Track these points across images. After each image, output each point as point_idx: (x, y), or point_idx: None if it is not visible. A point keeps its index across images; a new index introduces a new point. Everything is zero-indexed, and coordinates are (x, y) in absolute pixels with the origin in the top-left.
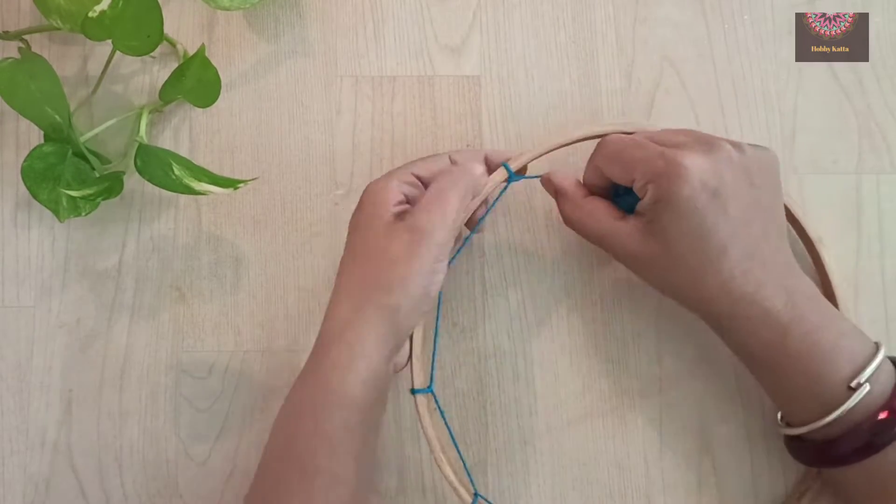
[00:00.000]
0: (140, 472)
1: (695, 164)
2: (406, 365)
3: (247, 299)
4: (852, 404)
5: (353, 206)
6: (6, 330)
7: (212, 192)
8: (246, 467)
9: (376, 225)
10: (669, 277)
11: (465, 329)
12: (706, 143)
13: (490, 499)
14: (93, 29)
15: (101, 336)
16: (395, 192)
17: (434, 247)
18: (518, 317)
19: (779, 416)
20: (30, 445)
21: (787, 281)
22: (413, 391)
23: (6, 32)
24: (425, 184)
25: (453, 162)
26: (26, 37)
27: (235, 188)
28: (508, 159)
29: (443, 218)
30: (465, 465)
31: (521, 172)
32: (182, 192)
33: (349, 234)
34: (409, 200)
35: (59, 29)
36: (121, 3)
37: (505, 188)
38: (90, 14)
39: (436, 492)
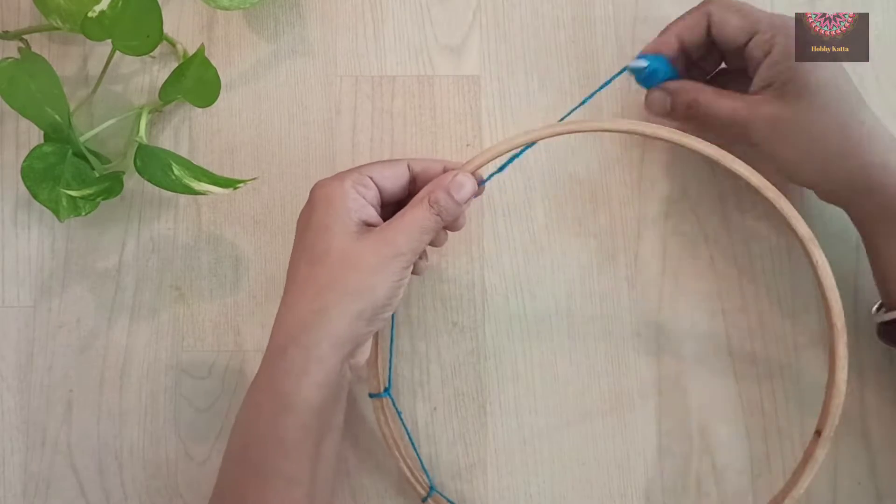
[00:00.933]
0: (140, 472)
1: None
2: (363, 365)
3: (247, 299)
4: None
5: None
6: (6, 330)
7: (212, 192)
8: None
9: (337, 228)
10: (813, 133)
11: (465, 329)
12: None
13: (490, 499)
14: (93, 29)
15: (101, 336)
16: (355, 196)
17: (405, 262)
18: (518, 317)
19: (874, 307)
20: (30, 445)
21: None
22: (371, 395)
23: (6, 32)
24: (380, 188)
25: (412, 170)
26: (26, 37)
27: (235, 188)
28: (467, 170)
29: (419, 240)
30: (421, 462)
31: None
32: (182, 192)
33: (301, 233)
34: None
35: (59, 29)
36: (120, 3)
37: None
38: (90, 14)
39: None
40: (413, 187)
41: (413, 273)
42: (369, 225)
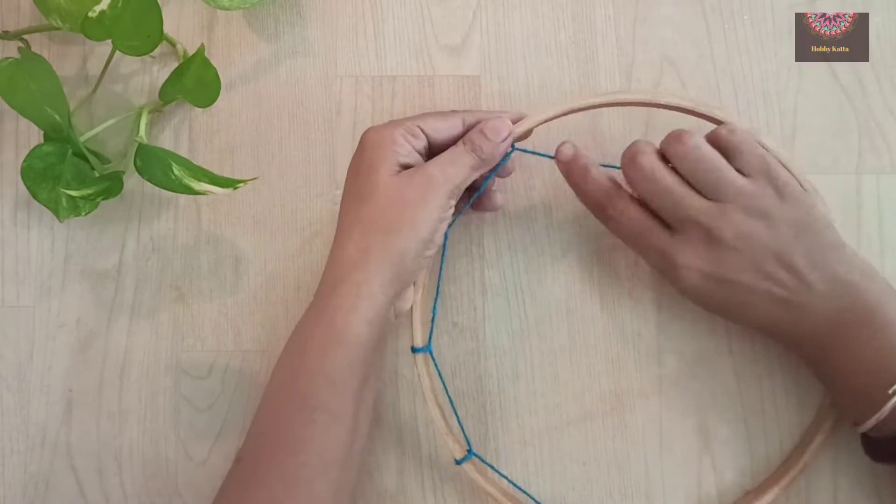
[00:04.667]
0: (140, 472)
1: (692, 263)
2: (407, 312)
3: (247, 299)
4: (887, 412)
5: None
6: (6, 330)
7: (211, 192)
8: None
9: (383, 169)
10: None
11: (464, 329)
12: (716, 215)
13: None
14: (93, 29)
15: (100, 336)
16: (402, 142)
17: (444, 194)
18: (518, 317)
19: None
20: (30, 445)
21: (837, 295)
22: (413, 349)
23: (6, 32)
24: (430, 141)
25: (466, 124)
26: (26, 37)
27: (235, 188)
28: (517, 122)
29: (457, 174)
30: (460, 423)
31: (523, 137)
32: (182, 192)
33: (351, 176)
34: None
35: (59, 29)
36: (120, 3)
37: (506, 158)
38: (90, 14)
39: (436, 492)
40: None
41: (484, 209)
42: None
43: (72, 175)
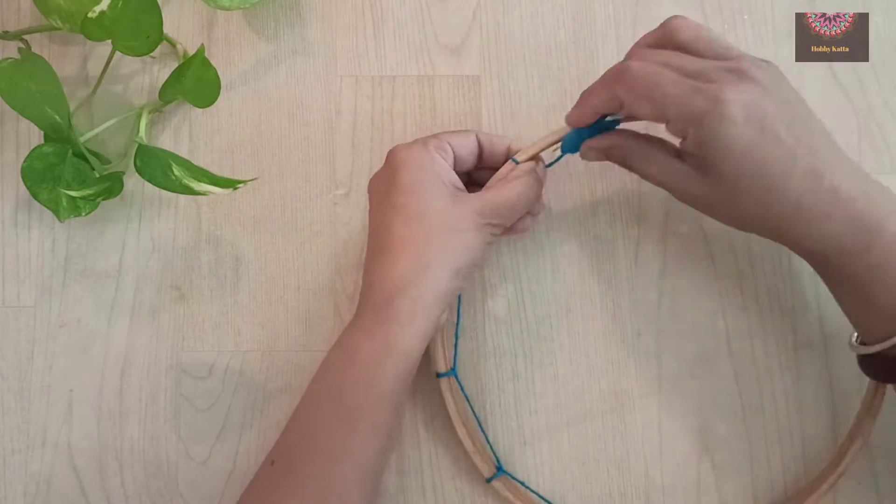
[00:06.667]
0: (140, 472)
1: (736, 100)
2: (444, 322)
3: (247, 299)
4: None
5: (353, 207)
6: (6, 330)
7: (211, 193)
8: (246, 467)
9: (431, 190)
10: (736, 213)
11: (465, 329)
12: (734, 71)
13: (490, 500)
14: (92, 29)
15: (101, 336)
16: (439, 160)
17: (498, 231)
18: (518, 317)
19: (852, 337)
20: (30, 445)
21: (858, 182)
22: (438, 375)
23: (6, 32)
24: (455, 156)
25: (481, 144)
26: (26, 37)
27: (235, 188)
28: (531, 152)
29: (511, 216)
30: (488, 442)
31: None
32: (182, 193)
33: (385, 193)
34: None
35: (59, 29)
36: (120, 3)
37: None
38: (90, 14)
39: (435, 491)
40: (479, 162)
41: (515, 232)
42: (457, 188)
43: (72, 175)
